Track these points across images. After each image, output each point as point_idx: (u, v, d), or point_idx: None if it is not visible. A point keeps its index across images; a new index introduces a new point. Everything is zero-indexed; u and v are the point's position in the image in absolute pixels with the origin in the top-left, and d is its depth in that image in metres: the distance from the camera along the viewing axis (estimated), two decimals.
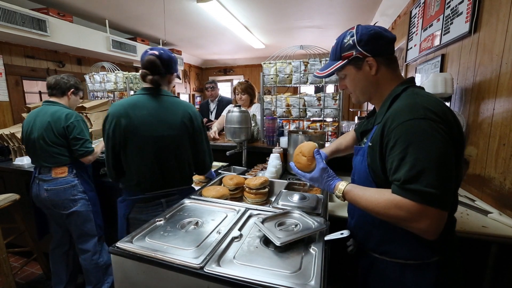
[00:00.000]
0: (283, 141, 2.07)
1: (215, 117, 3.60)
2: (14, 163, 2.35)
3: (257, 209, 1.16)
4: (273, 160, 1.74)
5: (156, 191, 1.35)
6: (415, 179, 0.71)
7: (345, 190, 0.90)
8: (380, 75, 0.90)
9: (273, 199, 1.38)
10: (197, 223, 1.03)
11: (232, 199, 1.39)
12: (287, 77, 2.13)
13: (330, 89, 5.55)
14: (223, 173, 1.83)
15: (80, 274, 2.04)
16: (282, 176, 1.75)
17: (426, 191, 0.69)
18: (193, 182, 1.55)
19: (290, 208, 1.10)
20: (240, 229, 0.98)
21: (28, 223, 2.19)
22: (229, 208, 1.18)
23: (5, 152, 2.54)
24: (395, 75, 0.91)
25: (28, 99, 3.54)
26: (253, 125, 2.26)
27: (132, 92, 3.07)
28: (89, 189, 1.90)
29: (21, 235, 2.14)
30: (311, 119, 2.18)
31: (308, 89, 6.45)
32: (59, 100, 1.90)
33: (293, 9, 3.65)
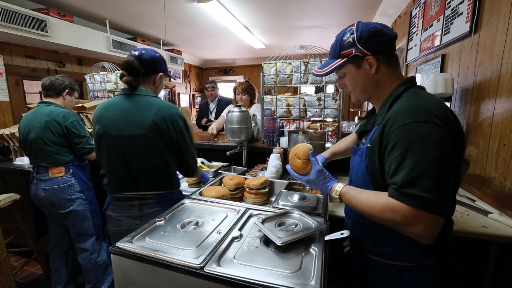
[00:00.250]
0: (283, 141, 2.07)
1: (215, 117, 3.60)
2: (15, 163, 2.36)
3: (257, 209, 1.16)
4: (273, 160, 1.74)
5: (130, 192, 1.32)
6: (412, 184, 0.70)
7: (342, 192, 0.89)
8: (380, 74, 0.88)
9: (273, 199, 1.38)
10: (197, 223, 1.03)
11: (232, 199, 1.39)
12: (287, 77, 2.13)
13: (330, 89, 5.54)
14: (223, 173, 1.83)
15: (80, 273, 2.04)
16: (282, 176, 1.75)
17: (422, 196, 0.69)
18: (175, 188, 1.42)
19: (290, 208, 1.10)
20: (240, 229, 0.98)
21: (28, 223, 2.19)
22: (229, 208, 1.18)
23: (5, 152, 2.54)
24: (395, 74, 0.89)
25: (29, 99, 3.54)
26: (253, 125, 2.26)
27: None
28: (86, 188, 1.90)
29: (21, 235, 2.14)
30: (311, 119, 2.18)
31: (308, 89, 6.43)
32: (55, 100, 1.91)
33: (293, 9, 3.65)
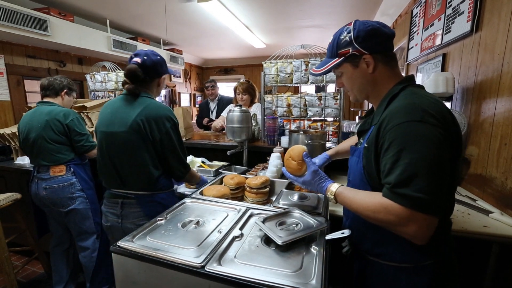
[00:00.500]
0: (284, 140, 2.07)
1: (216, 117, 3.60)
2: (16, 162, 2.36)
3: (258, 209, 1.16)
4: (274, 160, 1.74)
5: (116, 189, 1.35)
6: (406, 184, 0.70)
7: (337, 192, 0.90)
8: (378, 73, 0.87)
9: (274, 198, 1.38)
10: (198, 222, 1.03)
11: (233, 198, 1.39)
12: (288, 76, 2.13)
13: (331, 88, 5.53)
14: (224, 172, 1.83)
15: (81, 272, 2.05)
16: (283, 176, 1.74)
17: (415, 196, 0.68)
18: (159, 190, 1.35)
19: (291, 208, 1.10)
20: (241, 229, 0.98)
21: (29, 222, 2.20)
22: (230, 208, 1.18)
23: (6, 152, 2.55)
24: (393, 73, 0.88)
25: (30, 99, 3.55)
26: (253, 124, 2.26)
27: None
28: (87, 187, 1.91)
29: (22, 234, 2.14)
30: (312, 118, 2.18)
31: (309, 89, 6.43)
32: (53, 100, 1.91)
33: (294, 8, 3.65)
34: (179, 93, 6.92)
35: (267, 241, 0.90)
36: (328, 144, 2.07)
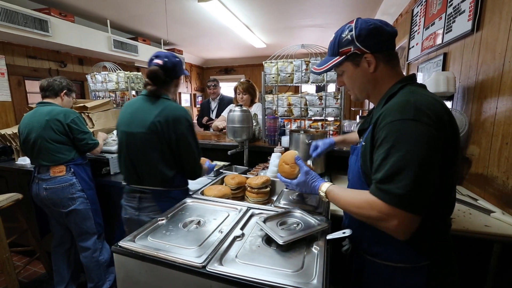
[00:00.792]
0: (285, 140, 2.07)
1: (216, 116, 3.60)
2: (17, 162, 2.37)
3: (259, 208, 1.16)
4: (275, 160, 1.74)
5: (133, 185, 1.43)
6: (390, 180, 0.71)
7: (327, 190, 0.93)
8: (379, 72, 0.86)
9: (274, 198, 1.38)
10: (199, 222, 1.04)
11: (234, 198, 1.39)
12: (289, 76, 2.13)
13: (332, 88, 5.54)
14: (224, 172, 1.83)
15: (82, 272, 2.05)
16: None
17: (397, 193, 0.70)
18: (175, 187, 1.42)
19: (291, 207, 1.10)
20: (242, 228, 0.98)
21: (31, 223, 2.20)
22: (231, 208, 1.18)
23: (7, 152, 2.55)
24: (394, 72, 0.87)
25: (30, 99, 3.55)
26: (254, 124, 2.26)
27: (134, 92, 3.08)
28: (87, 187, 1.91)
29: (23, 234, 2.15)
30: (313, 118, 2.18)
31: (309, 88, 6.44)
32: (53, 101, 1.92)
33: (294, 8, 3.64)
34: (180, 93, 6.92)
35: (268, 241, 0.90)
36: None
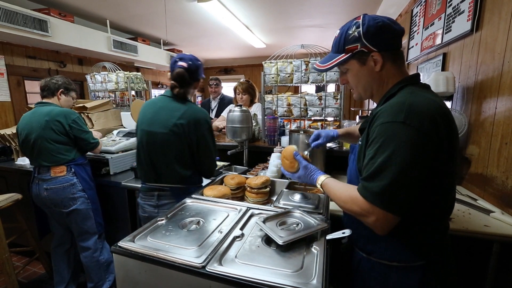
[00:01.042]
0: (284, 140, 2.07)
1: (216, 115, 3.59)
2: (16, 163, 2.36)
3: (258, 209, 1.16)
4: (274, 160, 1.74)
5: (151, 183, 1.47)
6: (372, 179, 0.74)
7: (323, 183, 0.95)
8: (385, 71, 0.84)
9: (274, 198, 1.38)
10: (198, 223, 1.03)
11: (234, 198, 1.39)
12: (288, 76, 2.13)
13: (331, 88, 5.54)
14: (224, 172, 1.83)
15: (82, 272, 2.05)
16: (283, 176, 1.75)
17: (375, 191, 0.73)
18: (192, 184, 1.50)
19: (291, 208, 1.10)
20: (241, 229, 0.98)
21: (30, 223, 2.20)
22: (230, 208, 1.18)
23: (7, 152, 2.55)
24: (400, 71, 0.85)
25: (30, 100, 3.55)
26: (254, 124, 2.26)
27: (134, 92, 3.09)
28: (88, 187, 1.91)
29: (23, 234, 2.15)
30: (312, 118, 2.18)
31: (309, 88, 6.42)
32: (50, 101, 1.91)
33: (294, 8, 3.65)
34: None
35: (268, 241, 0.90)
36: (328, 144, 2.07)
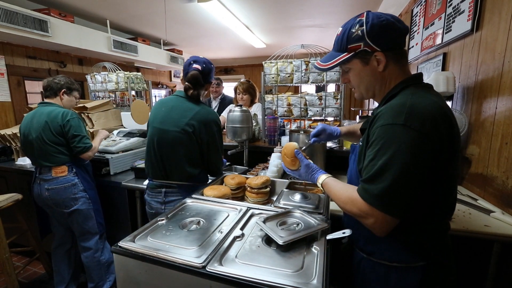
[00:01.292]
0: (285, 140, 2.07)
1: None
2: (17, 163, 2.36)
3: (258, 209, 1.16)
4: (275, 160, 1.74)
5: (159, 180, 1.50)
6: (372, 181, 0.74)
7: (323, 182, 0.96)
8: (388, 71, 0.83)
9: (274, 198, 1.38)
10: (199, 223, 1.03)
11: (234, 198, 1.39)
12: (288, 76, 2.13)
13: (332, 88, 5.54)
14: (224, 172, 1.83)
15: (82, 272, 2.05)
16: (283, 176, 1.75)
17: (374, 193, 0.73)
18: (199, 182, 1.54)
19: (291, 208, 1.10)
20: (242, 229, 0.98)
21: (31, 223, 2.20)
22: (230, 208, 1.18)
23: (7, 152, 2.55)
24: (403, 71, 0.83)
25: (30, 100, 3.55)
26: (254, 124, 2.26)
27: (134, 92, 3.09)
28: (89, 187, 1.91)
29: (23, 234, 2.15)
30: (313, 118, 2.18)
31: (309, 88, 6.43)
32: (53, 101, 1.91)
33: (294, 8, 3.65)
34: None
35: (268, 241, 0.90)
36: (328, 144, 2.07)
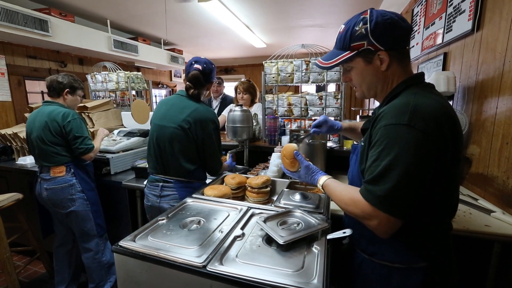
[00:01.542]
0: (285, 140, 2.07)
1: (217, 115, 3.56)
2: (17, 162, 2.36)
3: (259, 208, 1.16)
4: (275, 159, 1.74)
5: (157, 174, 1.55)
6: (375, 182, 0.74)
7: (324, 184, 0.95)
8: (391, 71, 0.82)
9: (275, 198, 1.38)
10: (199, 222, 1.04)
11: (234, 198, 1.39)
12: (289, 76, 2.13)
13: (332, 88, 5.54)
14: (225, 172, 1.83)
15: (83, 272, 2.05)
16: (284, 175, 1.75)
17: (378, 195, 0.72)
18: (195, 179, 1.55)
19: (292, 207, 1.10)
20: (242, 228, 0.98)
21: (33, 222, 2.20)
22: (231, 207, 1.18)
23: (8, 152, 2.56)
24: (405, 71, 0.83)
25: (31, 99, 3.55)
26: (254, 124, 2.26)
27: (134, 92, 3.09)
28: (88, 188, 1.89)
29: (24, 234, 2.15)
30: (313, 118, 2.18)
31: (309, 88, 6.44)
32: (56, 100, 1.90)
33: (294, 8, 3.64)
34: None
35: (269, 240, 0.90)
36: (329, 144, 2.07)
